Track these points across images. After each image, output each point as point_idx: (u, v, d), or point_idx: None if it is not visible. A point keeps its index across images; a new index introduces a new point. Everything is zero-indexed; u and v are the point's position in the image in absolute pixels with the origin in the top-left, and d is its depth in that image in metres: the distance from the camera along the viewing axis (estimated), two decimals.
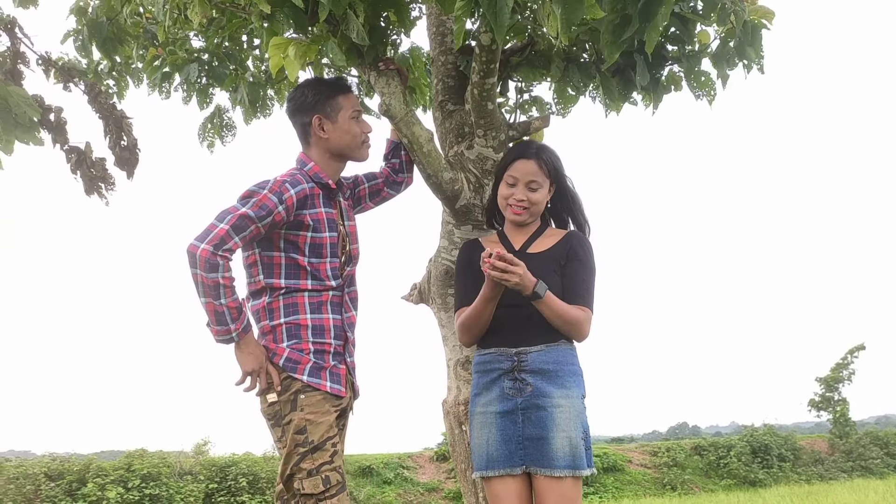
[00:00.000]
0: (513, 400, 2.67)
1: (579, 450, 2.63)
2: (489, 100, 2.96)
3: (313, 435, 2.56)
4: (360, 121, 2.79)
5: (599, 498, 16.79)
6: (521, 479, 2.68)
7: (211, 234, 2.49)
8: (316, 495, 2.53)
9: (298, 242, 2.66)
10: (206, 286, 2.47)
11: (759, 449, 19.77)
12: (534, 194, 2.73)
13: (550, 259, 2.75)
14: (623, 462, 18.88)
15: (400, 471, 16.34)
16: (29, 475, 12.13)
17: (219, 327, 2.53)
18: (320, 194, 2.73)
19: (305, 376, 2.61)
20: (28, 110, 3.54)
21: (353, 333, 2.84)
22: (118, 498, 12.33)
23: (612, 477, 18.20)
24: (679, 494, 17.12)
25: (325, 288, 2.70)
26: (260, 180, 2.64)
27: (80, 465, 12.89)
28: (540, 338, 2.69)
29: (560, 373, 2.69)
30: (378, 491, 15.48)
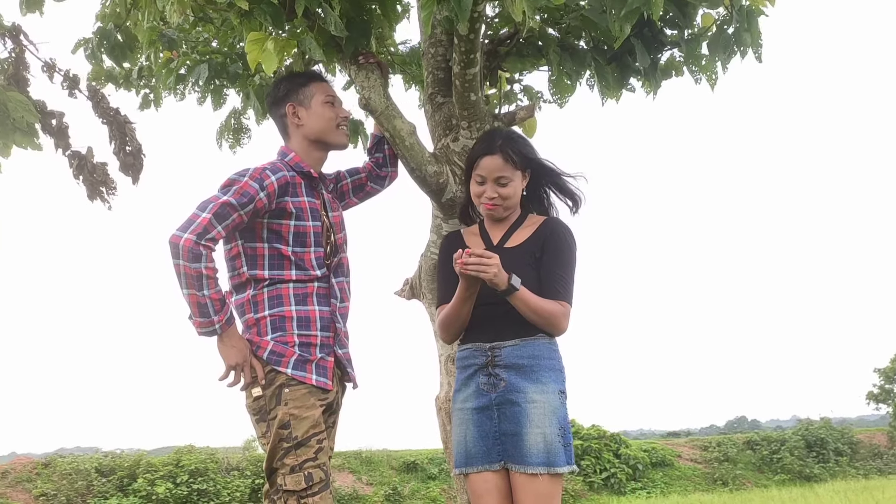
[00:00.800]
0: (487, 395, 2.61)
1: (555, 446, 2.55)
2: (472, 91, 2.91)
3: (297, 430, 2.52)
4: (335, 106, 2.77)
5: (647, 493, 16.55)
6: (501, 475, 2.62)
7: (194, 224, 2.47)
8: (297, 492, 2.49)
9: (282, 231, 2.64)
10: (188, 277, 2.45)
11: (814, 443, 19.25)
12: (504, 189, 2.65)
13: (525, 252, 2.67)
14: (672, 457, 18.57)
15: (445, 466, 16.34)
16: (81, 471, 12.49)
17: (201, 319, 2.50)
18: (302, 183, 2.71)
19: (290, 369, 2.57)
20: (26, 115, 3.60)
21: (345, 324, 2.81)
22: (167, 493, 12.60)
23: (661, 472, 17.92)
24: (730, 490, 16.77)
25: (309, 278, 2.66)
26: (240, 169, 2.63)
27: (130, 461, 13.22)
28: (515, 332, 2.62)
29: (535, 368, 2.61)
30: (423, 486, 15.53)
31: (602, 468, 17.14)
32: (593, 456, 17.21)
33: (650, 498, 16.12)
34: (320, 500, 2.52)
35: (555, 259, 2.67)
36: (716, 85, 3.42)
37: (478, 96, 2.93)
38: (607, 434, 17.93)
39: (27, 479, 12.42)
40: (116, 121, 4.08)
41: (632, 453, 17.57)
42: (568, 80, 3.34)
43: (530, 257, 2.67)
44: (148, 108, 4.92)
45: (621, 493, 16.60)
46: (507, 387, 2.59)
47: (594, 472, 17.00)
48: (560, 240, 2.71)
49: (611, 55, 3.30)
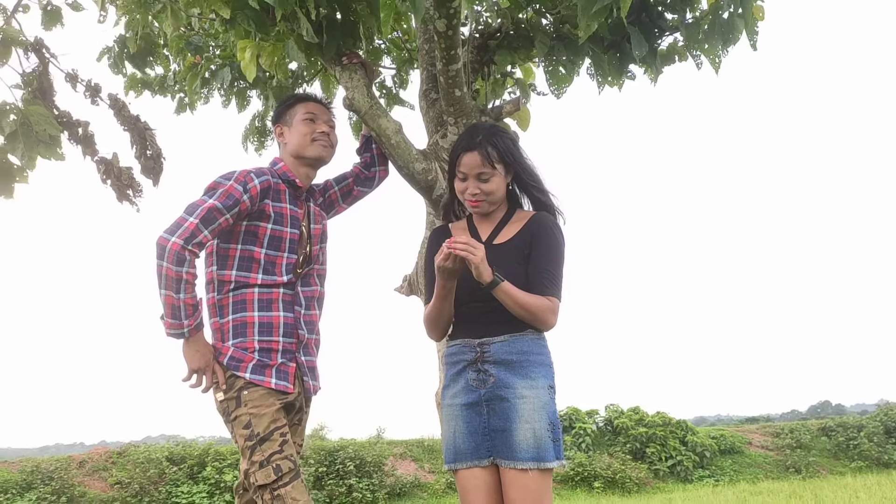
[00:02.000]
0: (477, 391, 2.62)
1: (544, 441, 2.54)
2: (456, 87, 2.90)
3: (258, 427, 2.60)
4: (314, 122, 2.83)
5: (715, 481, 16.22)
6: (490, 471, 2.63)
7: (182, 228, 2.55)
8: (269, 485, 2.56)
9: (258, 233, 2.71)
10: (168, 279, 2.54)
11: (894, 429, 18.48)
12: (486, 185, 2.64)
13: (514, 248, 2.66)
14: (742, 444, 18.13)
15: None
16: (153, 460, 13.00)
17: (172, 321, 2.59)
18: (286, 191, 2.78)
19: (248, 374, 2.65)
20: (48, 128, 3.75)
21: (314, 333, 2.86)
22: (234, 480, 13.00)
23: (730, 459, 17.52)
24: (803, 478, 16.26)
25: (275, 284, 2.72)
26: (226, 172, 2.71)
27: (199, 450, 13.70)
28: (504, 328, 2.61)
29: (524, 363, 2.61)
30: None
31: (667, 456, 16.87)
32: (658, 443, 16.95)
33: (717, 486, 15.79)
34: (292, 490, 2.58)
35: (542, 254, 2.65)
36: (720, 68, 3.32)
37: (463, 92, 2.93)
38: (673, 421, 17.63)
39: (103, 468, 13.01)
40: (137, 127, 4.22)
41: (699, 440, 17.23)
42: (563, 70, 3.30)
43: (519, 253, 2.66)
44: (184, 112, 5.09)
45: (688, 481, 16.31)
46: (496, 382, 2.59)
47: (659, 460, 16.75)
48: (548, 235, 2.68)
49: (608, 43, 3.25)
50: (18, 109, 3.77)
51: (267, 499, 2.57)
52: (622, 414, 18.03)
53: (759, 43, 3.16)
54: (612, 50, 3.27)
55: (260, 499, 2.59)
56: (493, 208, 2.73)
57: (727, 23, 3.12)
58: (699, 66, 3.34)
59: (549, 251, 2.66)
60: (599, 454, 16.60)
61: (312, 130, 2.83)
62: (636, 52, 3.13)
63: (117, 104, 4.20)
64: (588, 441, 16.89)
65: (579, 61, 3.28)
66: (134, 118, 4.21)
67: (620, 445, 17.14)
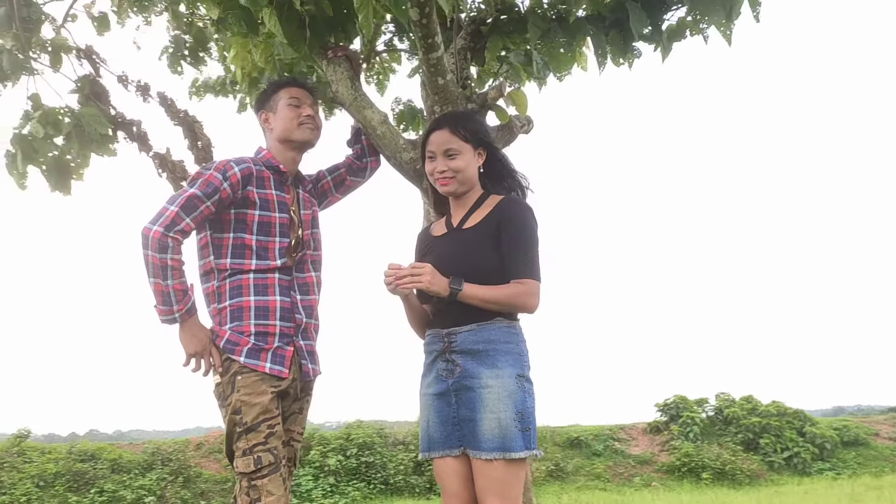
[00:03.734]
0: (446, 381, 2.65)
1: (510, 431, 2.53)
2: (438, 74, 2.91)
3: (247, 416, 2.68)
4: (299, 106, 2.91)
5: (835, 474, 15.35)
6: (462, 460, 2.65)
7: (163, 217, 2.68)
8: (248, 474, 2.67)
9: (247, 220, 2.80)
10: (155, 266, 2.66)
11: None
12: (453, 162, 2.66)
13: (481, 232, 2.67)
14: (868, 435, 17.03)
15: (610, 443, 16.12)
16: None
17: (163, 307, 2.71)
18: (271, 178, 2.87)
19: (243, 357, 2.73)
20: (98, 127, 4.03)
21: (313, 318, 2.93)
22: (337, 465, 13.47)
23: (854, 452, 16.51)
24: None
25: (269, 268, 2.81)
26: (209, 162, 2.84)
27: (307, 434, 14.25)
28: (471, 317, 2.63)
29: (491, 352, 2.61)
30: (587, 463, 15.41)
31: (783, 447, 16.09)
32: (773, 434, 16.19)
33: (838, 479, 14.93)
34: (269, 482, 2.66)
35: (513, 237, 2.64)
36: (731, 39, 3.16)
37: (446, 80, 2.94)
38: (789, 411, 16.79)
39: (218, 451, 13.76)
40: (186, 121, 4.45)
41: (818, 431, 16.33)
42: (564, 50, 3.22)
43: (487, 237, 2.66)
44: (244, 111, 5.32)
45: (805, 474, 15.51)
46: (462, 372, 2.62)
47: (774, 452, 16.00)
48: (516, 218, 2.67)
49: (610, 21, 3.15)
50: (72, 112, 4.05)
51: (244, 486, 2.68)
52: (734, 403, 17.33)
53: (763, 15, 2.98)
54: (615, 29, 3.18)
55: (238, 484, 2.71)
56: (464, 189, 2.73)
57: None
58: (706, 40, 3.19)
59: (519, 233, 2.64)
60: (708, 445, 16.04)
61: (298, 115, 2.91)
62: (636, 29, 3.03)
63: (166, 101, 4.43)
64: (696, 431, 16.35)
65: (578, 43, 3.20)
66: (183, 112, 4.45)
67: (731, 436, 16.49)
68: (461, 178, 2.69)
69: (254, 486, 2.66)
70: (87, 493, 11.78)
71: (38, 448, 12.87)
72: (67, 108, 4.09)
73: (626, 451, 16.03)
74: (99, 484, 11.96)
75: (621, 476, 15.21)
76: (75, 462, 12.26)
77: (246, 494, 2.67)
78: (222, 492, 12.69)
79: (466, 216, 2.74)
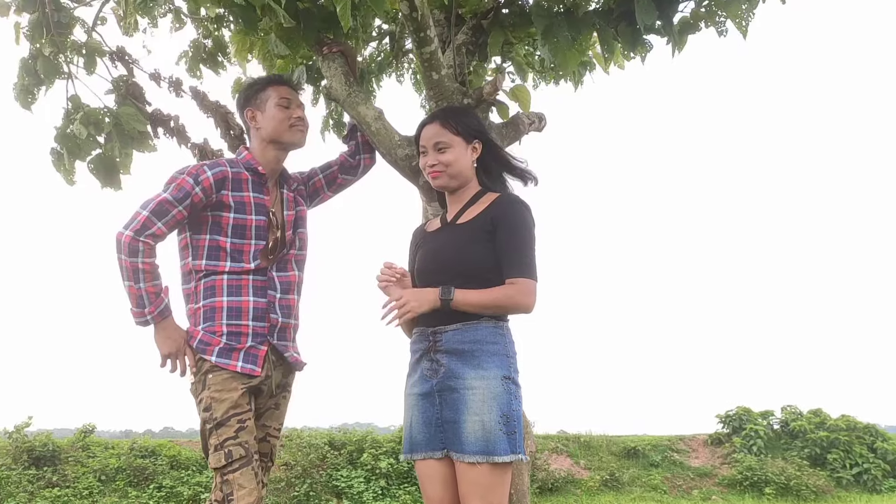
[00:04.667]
0: (430, 381, 2.61)
1: (494, 434, 2.47)
2: (432, 69, 2.88)
3: (217, 412, 2.71)
4: (289, 107, 2.90)
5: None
6: (445, 463, 2.59)
7: (134, 221, 2.73)
8: (220, 469, 2.68)
9: (222, 223, 2.82)
10: (127, 270, 2.72)
11: None
12: (443, 155, 2.63)
13: (476, 228, 2.62)
14: None
15: (669, 454, 15.73)
16: (313, 445, 13.80)
17: (136, 309, 2.76)
18: (249, 179, 2.88)
19: (214, 357, 2.77)
20: (136, 125, 4.13)
21: (291, 317, 2.93)
22: (388, 467, 13.53)
23: None
24: None
25: (243, 270, 2.82)
26: (183, 166, 2.86)
27: (358, 436, 14.36)
28: (458, 316, 2.58)
29: (477, 353, 2.55)
30: (644, 473, 15.08)
31: (853, 463, 15.42)
32: (842, 449, 15.53)
33: None
34: (240, 476, 2.68)
35: (508, 237, 2.60)
36: (747, 32, 3.02)
37: (441, 75, 2.90)
38: (860, 425, 16.08)
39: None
40: (219, 111, 4.52)
41: (890, 447, 15.59)
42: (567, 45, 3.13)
43: (481, 232, 2.62)
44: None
45: (875, 491, 14.83)
46: (446, 373, 2.57)
47: (843, 468, 15.35)
48: (512, 216, 2.62)
49: (617, 14, 3.06)
50: (111, 111, 4.17)
51: (218, 482, 2.71)
52: (800, 416, 16.71)
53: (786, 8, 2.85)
54: (625, 21, 3.08)
55: (214, 481, 2.74)
56: (455, 183, 2.69)
57: None
58: (720, 34, 3.06)
59: (515, 232, 2.59)
60: (772, 458, 15.50)
61: (289, 116, 2.92)
62: (643, 21, 2.93)
63: (199, 94, 4.52)
64: (759, 444, 15.81)
65: (584, 37, 3.11)
66: (215, 104, 4.53)
67: (797, 450, 15.89)
68: (451, 172, 2.65)
69: (226, 481, 2.68)
70: (146, 489, 12.12)
71: (102, 443, 13.32)
72: (106, 108, 4.21)
73: (686, 463, 15.63)
74: (158, 480, 12.29)
75: (679, 488, 14.83)
76: (136, 458, 12.63)
77: (219, 490, 2.70)
78: (275, 491, 12.88)
79: (461, 212, 2.70)
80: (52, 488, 11.54)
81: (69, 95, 4.26)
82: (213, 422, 2.73)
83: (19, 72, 4.24)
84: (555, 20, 3.06)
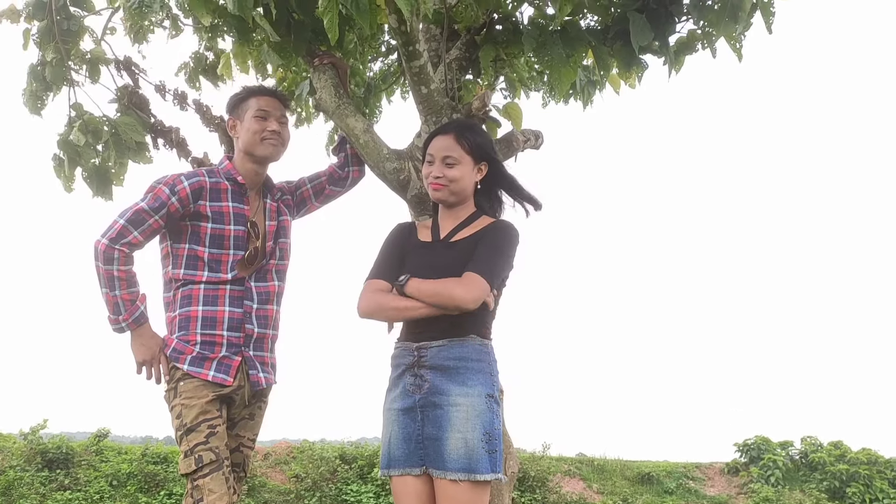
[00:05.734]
0: (413, 397, 2.57)
1: (477, 452, 2.45)
2: (422, 83, 2.88)
3: (186, 418, 2.71)
4: (266, 119, 2.90)
5: None
6: (423, 480, 2.56)
7: (111, 230, 2.75)
8: (190, 474, 2.68)
9: (200, 233, 2.83)
10: (103, 277, 2.74)
11: None
12: (450, 170, 2.60)
13: (465, 248, 2.60)
14: None
15: (684, 481, 15.49)
16: (325, 458, 13.78)
17: (112, 316, 2.78)
18: (229, 189, 2.88)
19: (186, 366, 2.78)
20: (134, 136, 4.17)
21: (269, 328, 2.92)
22: None
23: None
24: None
25: (220, 280, 2.82)
26: (162, 176, 2.87)
27: (370, 451, 14.31)
28: (444, 332, 2.56)
29: (461, 370, 2.53)
30: (657, 500, 14.85)
31: (873, 498, 15.08)
32: (862, 483, 15.19)
33: None
34: (210, 481, 2.67)
35: (485, 245, 2.58)
36: (742, 54, 2.98)
37: (430, 89, 2.90)
38: (881, 460, 15.73)
39: (284, 462, 14.00)
40: (220, 126, 4.55)
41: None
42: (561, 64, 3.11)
43: (469, 253, 2.59)
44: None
45: None
46: (430, 388, 2.54)
47: (862, 502, 15.02)
48: (497, 231, 2.62)
49: (613, 33, 3.03)
50: (110, 121, 4.21)
51: (189, 488, 2.71)
52: (820, 447, 16.38)
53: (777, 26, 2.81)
54: (621, 41, 3.05)
55: (186, 487, 2.73)
56: (455, 200, 2.66)
57: (735, 3, 2.80)
58: (714, 54, 3.03)
59: (492, 244, 2.58)
60: (790, 490, 15.20)
61: (263, 129, 2.91)
62: (637, 42, 2.90)
63: (202, 108, 4.54)
64: (777, 475, 15.52)
65: (577, 53, 3.08)
66: (218, 118, 4.56)
67: (816, 482, 15.57)
68: (454, 188, 2.63)
69: (196, 486, 2.67)
70: (156, 495, 12.16)
71: (116, 448, 13.41)
72: (105, 116, 4.25)
73: (701, 491, 15.37)
74: (168, 487, 12.33)
75: None
76: (148, 464, 12.68)
77: (190, 496, 2.69)
78: (285, 503, 12.87)
79: (455, 230, 2.67)
80: (64, 491, 11.63)
81: (72, 103, 4.30)
82: (183, 428, 2.73)
83: (28, 78, 4.29)
84: (548, 37, 3.04)
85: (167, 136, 4.55)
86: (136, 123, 4.26)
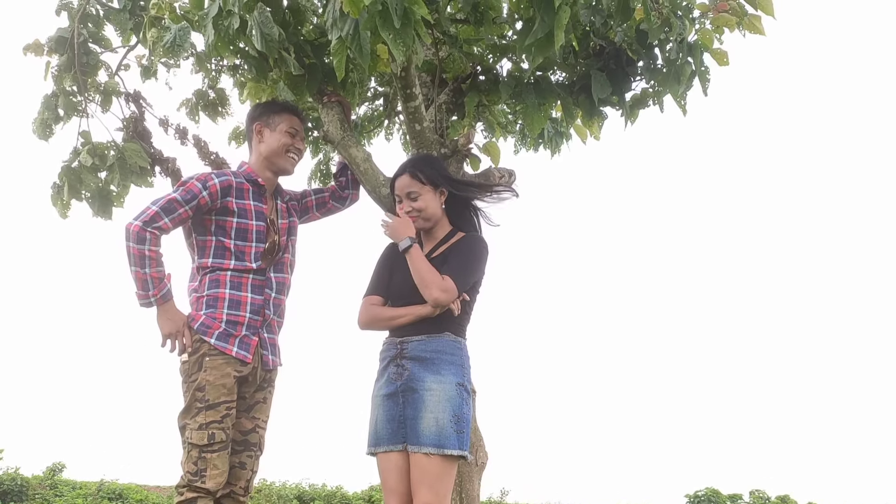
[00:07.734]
0: (395, 383, 2.99)
1: (446, 430, 2.87)
2: (416, 121, 3.34)
3: (210, 395, 3.04)
4: (294, 136, 3.32)
5: None
6: (404, 456, 2.96)
7: (144, 214, 3.10)
8: (200, 446, 3.00)
9: (226, 227, 3.20)
10: (134, 256, 3.06)
11: None
12: (416, 202, 3.08)
13: (442, 262, 3.04)
14: None
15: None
16: (283, 496, 13.83)
17: (141, 292, 3.10)
18: (250, 189, 3.27)
19: (213, 339, 3.10)
20: (139, 161, 4.52)
21: (279, 315, 3.29)
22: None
23: None
24: None
25: (246, 269, 3.19)
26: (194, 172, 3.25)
27: (328, 493, 14.39)
28: (423, 330, 3.01)
29: (437, 361, 2.97)
30: None
31: None
32: None
33: None
34: (217, 458, 3.01)
35: (456, 254, 3.04)
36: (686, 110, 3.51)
37: (423, 126, 3.36)
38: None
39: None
40: (215, 161, 4.93)
41: None
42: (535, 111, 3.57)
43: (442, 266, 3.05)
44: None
45: None
46: (409, 376, 2.97)
47: None
48: (465, 243, 3.09)
49: (578, 87, 3.54)
50: (117, 146, 4.57)
51: (194, 456, 3.01)
52: (768, 501, 16.84)
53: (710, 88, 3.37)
54: (584, 94, 3.55)
55: (188, 454, 3.03)
56: (430, 224, 3.13)
57: (678, 68, 3.34)
58: (662, 109, 3.56)
59: (461, 253, 3.05)
60: None
61: (291, 144, 3.33)
62: (597, 95, 3.41)
63: (199, 143, 4.93)
64: None
65: (547, 104, 3.57)
66: (214, 154, 4.94)
67: None
68: (425, 216, 3.11)
69: (203, 458, 2.99)
70: None
71: (70, 483, 13.28)
72: (113, 141, 4.61)
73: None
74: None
75: None
76: (103, 499, 12.61)
77: (193, 463, 3.00)
78: None
79: (434, 248, 3.13)
80: None
81: (80, 131, 4.65)
82: (204, 402, 3.03)
83: (41, 107, 4.64)
84: (524, 87, 3.52)
85: (164, 165, 4.91)
86: (141, 150, 4.64)
